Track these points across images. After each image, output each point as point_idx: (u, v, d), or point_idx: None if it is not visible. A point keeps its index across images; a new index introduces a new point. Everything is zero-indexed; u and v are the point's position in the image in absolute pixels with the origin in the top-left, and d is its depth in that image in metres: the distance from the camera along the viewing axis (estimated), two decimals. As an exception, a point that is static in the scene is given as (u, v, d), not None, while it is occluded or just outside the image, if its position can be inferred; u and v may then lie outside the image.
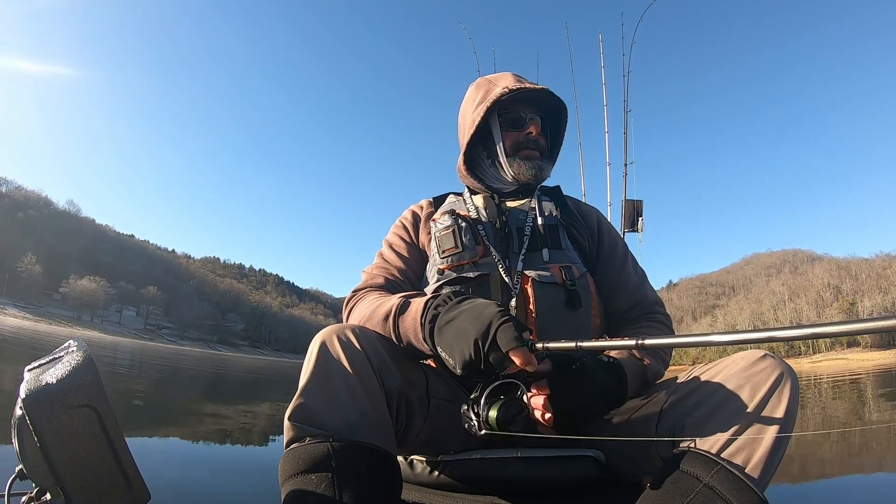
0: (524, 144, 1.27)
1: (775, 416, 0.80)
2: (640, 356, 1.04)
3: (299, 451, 0.84)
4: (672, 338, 0.67)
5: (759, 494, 0.77)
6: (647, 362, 1.05)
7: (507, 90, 1.23)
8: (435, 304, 0.92)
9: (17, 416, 0.71)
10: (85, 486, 0.70)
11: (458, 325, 0.85)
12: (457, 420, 0.91)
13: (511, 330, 0.79)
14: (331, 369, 0.89)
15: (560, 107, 1.30)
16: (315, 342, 0.93)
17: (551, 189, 1.37)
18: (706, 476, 0.79)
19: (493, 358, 0.80)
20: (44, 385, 0.71)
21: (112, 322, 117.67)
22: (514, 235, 1.21)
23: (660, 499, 0.81)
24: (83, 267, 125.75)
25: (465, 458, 1.05)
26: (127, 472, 0.73)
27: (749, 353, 0.88)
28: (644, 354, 1.05)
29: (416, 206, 1.38)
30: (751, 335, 0.57)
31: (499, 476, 1.01)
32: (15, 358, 7.94)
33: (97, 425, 0.72)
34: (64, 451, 0.69)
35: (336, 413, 0.87)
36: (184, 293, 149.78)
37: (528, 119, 1.28)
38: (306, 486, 0.80)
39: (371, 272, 1.23)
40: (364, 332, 0.96)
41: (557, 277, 1.14)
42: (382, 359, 0.94)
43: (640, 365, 1.03)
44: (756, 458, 0.79)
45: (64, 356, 0.78)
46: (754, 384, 0.83)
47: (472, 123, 1.27)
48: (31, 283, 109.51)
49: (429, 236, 1.26)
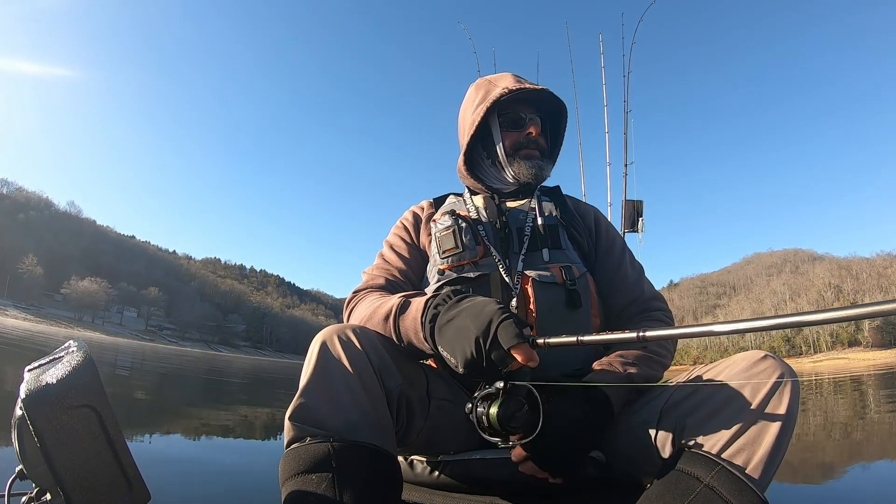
0: (524, 144, 1.27)
1: (776, 417, 0.80)
2: (622, 368, 1.01)
3: (300, 451, 0.83)
4: (672, 329, 0.67)
5: (759, 495, 0.77)
6: (631, 371, 1.01)
7: (507, 90, 1.23)
8: (435, 303, 0.92)
9: (17, 416, 0.71)
10: (85, 486, 0.70)
11: (458, 324, 0.84)
12: (457, 420, 0.91)
13: (512, 327, 0.78)
14: (331, 369, 0.89)
15: (560, 107, 1.30)
16: (315, 342, 0.93)
17: (551, 189, 1.37)
18: (707, 476, 0.79)
19: (494, 355, 0.79)
20: (44, 385, 0.71)
21: (113, 323, 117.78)
22: (515, 235, 1.21)
23: (660, 499, 0.81)
24: (84, 268, 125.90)
25: (466, 458, 1.05)
26: (127, 472, 0.73)
27: (750, 353, 0.88)
28: (629, 364, 1.02)
29: (417, 206, 1.38)
30: (750, 324, 0.57)
31: (499, 476, 1.01)
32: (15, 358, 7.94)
33: (97, 425, 0.72)
34: (64, 452, 0.69)
35: (336, 413, 0.86)
36: (185, 294, 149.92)
37: (527, 119, 1.28)
38: (307, 486, 0.80)
39: (372, 273, 1.23)
40: (364, 331, 0.96)
41: (557, 277, 1.14)
42: (383, 359, 0.94)
43: (622, 376, 0.99)
44: (757, 459, 0.79)
45: (64, 356, 0.78)
46: (755, 385, 0.83)
47: (472, 124, 1.27)
48: (33, 284, 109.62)
49: (429, 237, 1.26)
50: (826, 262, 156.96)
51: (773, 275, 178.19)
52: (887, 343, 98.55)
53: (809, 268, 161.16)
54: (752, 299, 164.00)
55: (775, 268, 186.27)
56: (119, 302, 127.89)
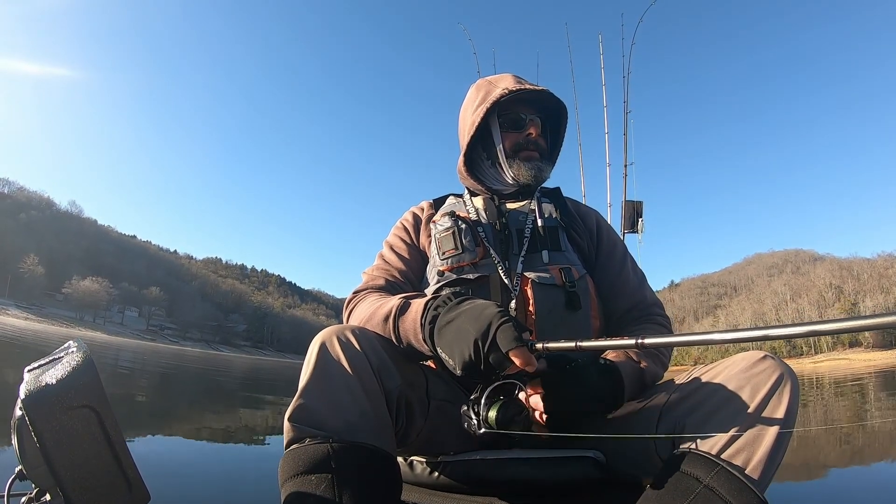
0: (524, 146, 1.27)
1: (776, 417, 0.80)
2: (637, 359, 1.04)
3: (299, 451, 0.83)
4: (671, 337, 0.67)
5: (759, 495, 0.77)
6: (644, 365, 1.05)
7: (507, 91, 1.22)
8: (435, 304, 0.92)
9: (17, 416, 0.71)
10: (84, 486, 0.70)
11: (457, 326, 0.85)
12: (457, 421, 0.91)
13: (511, 330, 0.79)
14: (331, 370, 0.89)
15: (560, 108, 1.30)
16: (315, 343, 0.93)
17: (551, 190, 1.36)
18: (706, 477, 0.79)
19: (492, 358, 0.80)
20: (43, 386, 0.71)
21: (114, 323, 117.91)
22: (514, 237, 1.21)
23: (660, 499, 0.81)
24: (85, 268, 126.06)
25: (465, 458, 1.05)
26: (127, 472, 0.73)
27: (749, 353, 0.88)
28: (642, 357, 1.05)
29: (417, 207, 1.38)
30: (749, 333, 0.57)
31: (498, 477, 1.01)
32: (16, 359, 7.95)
33: (97, 426, 0.72)
34: (63, 452, 0.69)
35: (336, 414, 0.86)
36: (186, 294, 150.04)
37: (527, 120, 1.28)
38: (306, 487, 0.80)
39: (371, 273, 1.23)
40: (364, 332, 0.96)
41: (557, 279, 1.14)
42: (382, 359, 0.94)
43: (638, 367, 1.03)
44: (756, 459, 0.79)
45: (64, 357, 0.78)
46: (755, 385, 0.83)
47: (472, 125, 1.27)
48: (34, 283, 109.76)
49: (429, 238, 1.26)
50: (827, 263, 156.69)
51: (775, 275, 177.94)
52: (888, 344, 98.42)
53: (810, 268, 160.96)
54: (753, 300, 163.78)
55: (776, 268, 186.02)
56: (120, 302, 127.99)
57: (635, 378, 1.01)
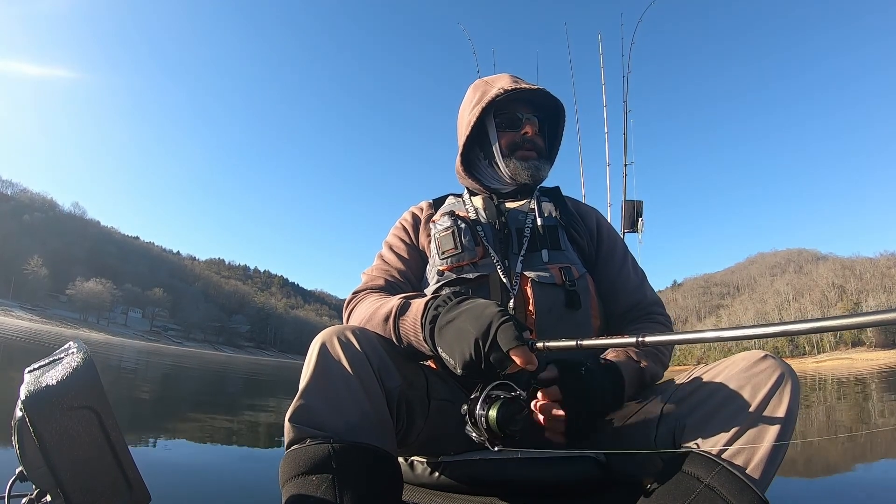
0: (520, 145, 1.27)
1: (776, 417, 0.80)
2: (637, 358, 1.04)
3: (300, 452, 0.83)
4: (671, 335, 0.67)
5: (759, 495, 0.76)
6: (644, 364, 1.05)
7: (503, 91, 1.23)
8: (435, 304, 0.92)
9: (17, 417, 0.71)
10: (85, 487, 0.70)
11: (458, 326, 0.85)
12: (457, 421, 0.91)
13: (511, 329, 0.79)
14: (331, 370, 0.89)
15: (558, 107, 1.30)
16: (315, 343, 0.93)
17: (551, 190, 1.36)
18: (707, 477, 0.79)
19: (493, 358, 0.80)
20: (44, 387, 0.71)
21: (118, 324, 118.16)
22: (514, 236, 1.21)
23: (660, 499, 0.81)
24: (89, 269, 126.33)
25: (466, 458, 1.05)
26: (127, 473, 0.73)
27: (750, 353, 0.88)
28: (642, 356, 1.05)
29: (416, 207, 1.38)
30: (749, 331, 0.57)
31: (499, 477, 1.01)
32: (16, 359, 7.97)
33: (97, 427, 0.72)
34: (64, 453, 0.69)
35: (336, 414, 0.86)
36: (189, 295, 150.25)
37: (524, 119, 1.27)
38: (307, 487, 0.80)
39: (371, 274, 1.23)
40: (364, 333, 0.96)
41: (557, 278, 1.14)
42: (383, 360, 0.94)
43: (638, 367, 1.03)
44: (757, 459, 0.79)
45: (64, 358, 0.79)
46: (755, 385, 0.83)
47: (468, 124, 1.27)
48: (38, 285, 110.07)
49: (428, 238, 1.26)
50: (830, 263, 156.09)
51: (777, 275, 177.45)
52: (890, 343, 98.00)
53: (813, 268, 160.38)
54: (756, 299, 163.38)
55: (779, 268, 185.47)
56: (124, 303, 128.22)
57: (635, 378, 1.02)
